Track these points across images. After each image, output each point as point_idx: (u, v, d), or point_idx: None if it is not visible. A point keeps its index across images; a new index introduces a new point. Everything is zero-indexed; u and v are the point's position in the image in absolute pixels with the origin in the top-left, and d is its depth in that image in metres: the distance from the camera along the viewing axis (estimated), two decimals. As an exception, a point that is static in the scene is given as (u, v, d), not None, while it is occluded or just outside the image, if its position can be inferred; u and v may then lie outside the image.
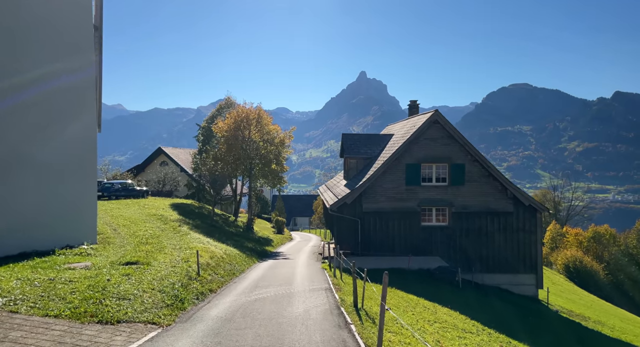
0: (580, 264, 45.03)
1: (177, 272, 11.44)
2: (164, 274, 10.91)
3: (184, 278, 11.08)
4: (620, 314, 31.60)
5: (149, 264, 11.68)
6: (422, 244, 20.77)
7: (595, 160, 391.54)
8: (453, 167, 20.51)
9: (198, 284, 11.39)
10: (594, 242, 53.03)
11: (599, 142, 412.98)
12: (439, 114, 20.50)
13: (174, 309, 8.88)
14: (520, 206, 20.55)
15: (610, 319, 23.79)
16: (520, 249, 20.72)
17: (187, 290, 10.41)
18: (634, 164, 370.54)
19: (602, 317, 23.75)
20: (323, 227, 54.99)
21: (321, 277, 15.46)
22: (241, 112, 31.39)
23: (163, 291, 9.53)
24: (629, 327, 23.71)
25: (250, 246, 25.16)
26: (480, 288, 19.47)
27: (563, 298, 28.16)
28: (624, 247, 51.05)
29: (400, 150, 20.46)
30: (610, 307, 34.12)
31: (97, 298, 8.21)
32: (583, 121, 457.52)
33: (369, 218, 20.83)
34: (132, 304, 8.32)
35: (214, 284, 12.24)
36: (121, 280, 9.58)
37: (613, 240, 53.13)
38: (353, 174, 23.95)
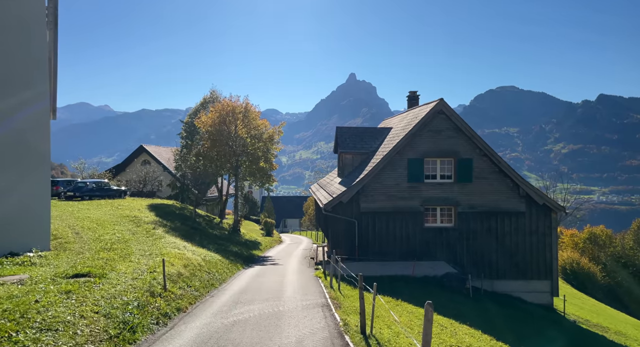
0: (577, 266, 43.63)
1: (137, 286, 9.17)
2: (119, 289, 8.63)
3: (143, 295, 8.80)
4: (629, 320, 29.94)
5: (104, 277, 9.39)
6: (426, 248, 18.71)
7: (580, 161, 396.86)
8: (460, 162, 18.50)
9: (162, 301, 9.11)
10: (590, 244, 51.75)
11: (584, 144, 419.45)
12: (445, 103, 18.49)
13: (117, 343, 6.59)
14: (533, 205, 18.61)
15: (627, 329, 22.01)
16: (533, 253, 18.77)
17: (145, 312, 8.13)
18: (617, 166, 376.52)
19: (618, 325, 21.96)
20: (314, 229, 52.79)
21: (315, 288, 13.28)
22: (226, 106, 29.08)
23: (109, 316, 7.25)
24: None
25: (236, 250, 22.88)
26: (491, 297, 17.45)
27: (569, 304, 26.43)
28: (620, 249, 49.89)
29: (401, 143, 18.38)
30: (616, 313, 32.56)
31: (9, 329, 5.91)
32: (568, 123, 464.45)
33: (367, 219, 18.70)
34: (57, 337, 6.04)
35: (184, 301, 9.96)
36: (56, 300, 7.29)
37: (609, 241, 51.91)
38: (349, 171, 21.83)
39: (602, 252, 49.12)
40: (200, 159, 28.79)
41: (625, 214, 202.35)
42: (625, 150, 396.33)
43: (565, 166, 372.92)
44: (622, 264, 44.39)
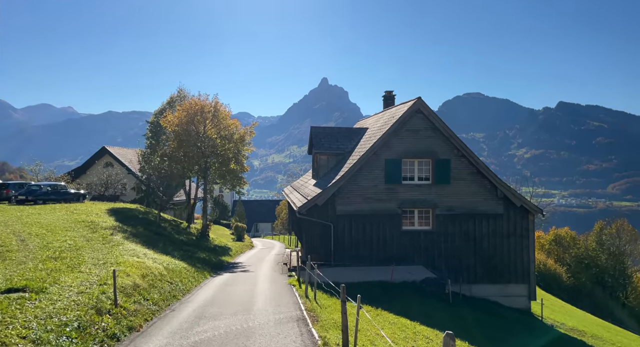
0: (544, 267, 44.33)
1: (81, 302, 7.88)
2: (58, 307, 7.33)
3: (88, 313, 7.52)
4: (597, 321, 30.28)
5: (43, 291, 8.04)
6: (404, 252, 18.00)
7: (542, 166, 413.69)
8: (437, 163, 17.93)
9: (111, 320, 7.85)
10: (556, 245, 52.88)
11: (545, 149, 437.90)
12: (422, 102, 17.91)
13: (43, 378, 5.37)
14: (511, 207, 18.26)
15: (599, 331, 22.03)
16: (511, 256, 18.40)
17: (86, 334, 6.87)
18: (576, 170, 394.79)
19: (591, 328, 21.96)
20: (287, 233, 51.56)
21: (289, 298, 12.23)
22: (195, 105, 27.61)
23: (39, 342, 5.99)
24: (617, 337, 22.05)
25: (203, 256, 21.49)
26: (471, 302, 16.89)
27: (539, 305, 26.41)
28: (583, 250, 51.16)
29: (378, 143, 17.64)
30: (583, 313, 32.99)
31: None
32: (530, 129, 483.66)
33: (344, 222, 17.82)
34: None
35: (139, 318, 8.70)
36: (-27, 323, 5.95)
37: (573, 242, 53.23)
38: (324, 172, 20.92)
39: (567, 254, 50.22)
40: (165, 160, 27.17)
41: (583, 217, 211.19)
42: (582, 155, 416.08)
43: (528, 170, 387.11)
44: (586, 265, 45.28)
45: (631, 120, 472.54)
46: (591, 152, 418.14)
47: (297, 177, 39.99)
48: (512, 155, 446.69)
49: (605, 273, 43.13)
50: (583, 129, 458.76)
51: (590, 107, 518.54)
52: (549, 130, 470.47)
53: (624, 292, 42.44)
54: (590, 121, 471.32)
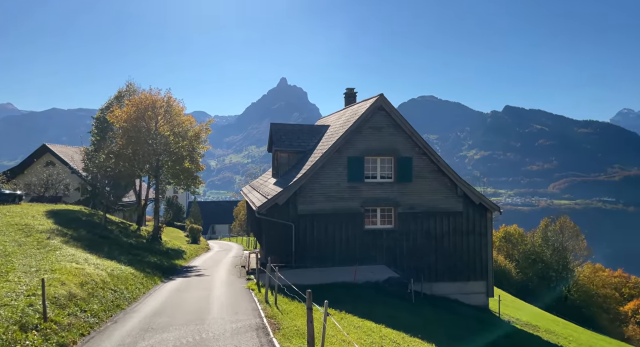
0: (495, 264, 45.79)
1: (2, 317, 6.69)
2: (-30, 325, 6.13)
3: (8, 330, 6.39)
4: (546, 315, 31.47)
5: (-47, 307, 6.76)
6: (367, 251, 17.63)
7: (490, 167, 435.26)
8: (400, 161, 17.72)
9: (38, 337, 6.74)
10: (505, 242, 55.05)
11: (493, 151, 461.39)
12: (385, 99, 17.64)
13: None
14: (470, 205, 18.39)
15: (550, 325, 22.78)
16: (470, 254, 18.53)
17: (3, 358, 5.77)
18: (520, 171, 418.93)
19: (543, 323, 22.68)
20: (245, 234, 50.19)
21: (248, 303, 11.41)
22: (145, 99, 25.92)
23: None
24: (567, 331, 22.91)
25: (154, 260, 20.08)
26: (432, 301, 16.79)
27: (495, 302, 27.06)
28: (530, 246, 53.54)
29: (341, 141, 17.16)
30: (531, 307, 34.28)
31: None
32: (480, 132, 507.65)
33: (306, 222, 17.17)
34: None
35: (73, 333, 7.60)
36: None
37: (521, 239, 55.66)
38: (284, 171, 20.17)
39: (516, 250, 52.39)
40: (111, 157, 25.31)
41: (527, 214, 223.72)
42: (526, 156, 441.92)
43: (478, 171, 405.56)
44: (532, 260, 47.19)
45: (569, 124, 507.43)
46: (534, 154, 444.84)
47: (256, 177, 38.91)
48: (463, 156, 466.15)
49: (550, 268, 45.16)
50: (527, 131, 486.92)
51: (534, 111, 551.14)
52: (496, 133, 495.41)
53: (566, 285, 44.64)
54: (533, 124, 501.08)
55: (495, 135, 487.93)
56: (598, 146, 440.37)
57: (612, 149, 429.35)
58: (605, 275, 53.11)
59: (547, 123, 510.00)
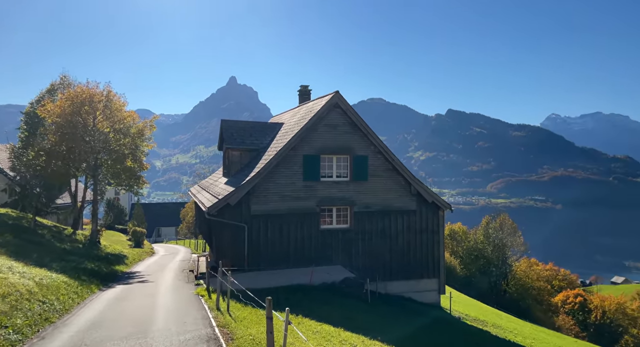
0: (441, 261, 47.17)
1: None
2: None
3: None
4: (490, 310, 32.79)
5: None
6: (322, 252, 17.24)
7: (435, 167, 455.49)
8: (355, 159, 17.52)
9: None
10: (450, 239, 57.21)
11: (437, 152, 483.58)
12: (340, 96, 17.35)
13: None
14: (423, 204, 18.59)
15: (495, 319, 23.64)
16: (423, 252, 18.73)
17: None
18: (462, 171, 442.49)
19: (489, 317, 23.49)
20: (193, 237, 48.13)
21: (197, 311, 10.56)
22: (82, 93, 23.84)
23: None
24: (511, 325, 23.85)
25: (92, 267, 18.42)
26: (387, 301, 16.72)
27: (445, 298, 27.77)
28: (473, 243, 56.06)
29: (296, 138, 16.64)
30: (476, 302, 35.67)
31: None
32: (425, 134, 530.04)
33: (259, 223, 16.46)
34: None
35: (-13, 357, 6.47)
36: None
37: (465, 236, 58.10)
38: (236, 170, 19.30)
39: (460, 247, 54.56)
40: (41, 155, 23.06)
41: (468, 213, 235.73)
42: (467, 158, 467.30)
43: (423, 171, 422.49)
44: (475, 256, 49.13)
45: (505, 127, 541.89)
46: (474, 155, 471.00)
47: (204, 177, 37.32)
48: (410, 158, 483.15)
49: (491, 263, 47.20)
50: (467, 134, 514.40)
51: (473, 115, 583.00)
52: (440, 135, 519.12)
53: (505, 280, 46.99)
54: (473, 127, 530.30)
55: (439, 138, 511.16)
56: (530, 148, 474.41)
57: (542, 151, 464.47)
58: (539, 269, 56.74)
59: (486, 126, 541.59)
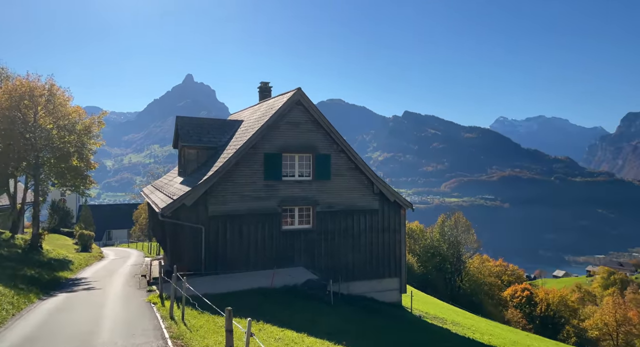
0: (400, 260, 47.92)
1: None
2: None
3: None
4: (447, 306, 33.61)
5: None
6: (284, 253, 16.74)
7: (392, 168, 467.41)
8: (318, 158, 17.16)
9: None
10: (408, 238, 58.32)
11: (394, 153, 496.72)
12: (303, 93, 16.93)
13: None
14: (385, 203, 18.55)
15: (453, 316, 24.13)
16: (385, 251, 18.70)
17: None
18: (418, 172, 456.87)
19: (447, 314, 23.93)
20: (146, 240, 45.94)
21: (149, 321, 9.76)
22: (21, 86, 21.91)
23: None
24: (468, 321, 24.45)
25: (31, 274, 16.88)
26: (350, 301, 16.51)
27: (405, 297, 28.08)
28: (429, 241, 57.55)
29: (257, 136, 16.04)
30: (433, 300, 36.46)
31: None
32: (383, 135, 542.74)
33: (217, 224, 15.69)
34: None
35: None
36: None
37: (422, 235, 59.54)
38: (193, 169, 18.37)
39: (417, 245, 55.81)
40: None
41: (424, 212, 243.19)
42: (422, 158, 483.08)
43: (382, 171, 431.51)
44: (431, 254, 50.34)
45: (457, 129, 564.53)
46: (429, 156, 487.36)
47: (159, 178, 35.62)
48: (369, 158, 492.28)
49: (446, 260, 48.54)
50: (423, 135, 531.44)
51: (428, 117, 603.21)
52: (397, 136, 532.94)
53: (459, 276, 48.49)
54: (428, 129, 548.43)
55: (396, 139, 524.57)
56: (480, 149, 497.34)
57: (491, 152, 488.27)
58: (490, 265, 59.13)
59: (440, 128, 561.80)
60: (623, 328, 46.31)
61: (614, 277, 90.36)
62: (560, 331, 48.26)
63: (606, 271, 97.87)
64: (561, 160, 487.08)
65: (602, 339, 46.88)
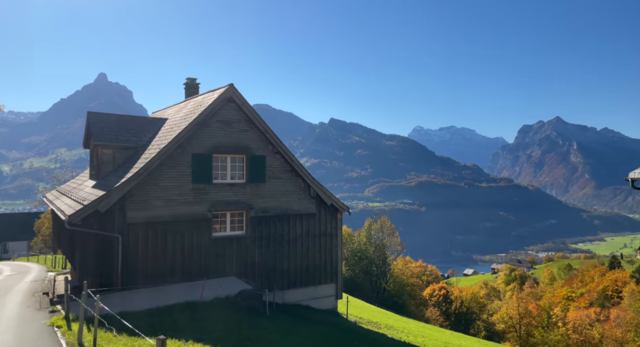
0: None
1: None
2: None
3: None
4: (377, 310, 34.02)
5: None
6: (215, 262, 15.39)
7: (319, 173, 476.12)
8: (252, 159, 16.12)
9: None
10: (337, 242, 58.75)
11: (321, 159, 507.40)
12: (235, 89, 15.82)
13: None
14: (322, 206, 18.02)
15: (385, 320, 24.30)
16: (322, 256, 18.12)
17: None
18: (343, 177, 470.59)
19: (379, 318, 24.02)
20: (50, 252, 40.77)
21: (52, 351, 8.04)
22: None
23: None
24: (400, 324, 24.80)
25: None
26: (286, 311, 15.65)
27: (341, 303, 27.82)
28: (357, 245, 58.63)
29: (185, 134, 14.59)
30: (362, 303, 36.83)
31: None
32: (310, 141, 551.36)
33: (137, 232, 13.92)
34: None
35: None
36: None
37: (350, 238, 60.53)
38: (108, 171, 16.26)
39: (345, 249, 56.49)
40: None
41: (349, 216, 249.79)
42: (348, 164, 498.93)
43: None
44: (359, 257, 51.21)
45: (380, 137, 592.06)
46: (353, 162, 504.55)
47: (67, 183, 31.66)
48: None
49: (373, 263, 49.63)
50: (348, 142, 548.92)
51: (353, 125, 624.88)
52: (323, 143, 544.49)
53: (384, 278, 49.86)
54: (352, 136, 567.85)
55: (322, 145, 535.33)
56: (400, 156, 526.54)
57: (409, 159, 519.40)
58: (413, 266, 61.82)
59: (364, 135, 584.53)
60: (525, 320, 50.96)
61: (514, 273, 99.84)
62: (471, 325, 51.68)
63: (508, 268, 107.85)
64: (469, 167, 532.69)
65: (507, 331, 51.11)
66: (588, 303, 64.70)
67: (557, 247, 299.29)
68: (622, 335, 45.06)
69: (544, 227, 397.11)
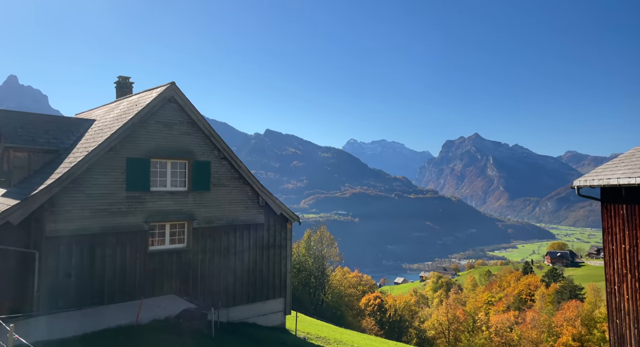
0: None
1: None
2: None
3: None
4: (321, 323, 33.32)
5: None
6: (152, 279, 13.73)
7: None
8: (196, 165, 14.81)
9: None
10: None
11: (257, 170, 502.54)
12: (177, 88, 14.48)
13: None
14: (271, 216, 17.06)
15: (332, 334, 23.69)
16: (270, 269, 17.08)
17: None
18: (279, 189, 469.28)
19: (327, 333, 23.36)
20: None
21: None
22: None
23: None
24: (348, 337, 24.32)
25: None
26: (232, 331, 14.38)
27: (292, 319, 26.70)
28: (297, 256, 57.82)
29: (117, 136, 12.97)
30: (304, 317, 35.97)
31: None
32: (245, 151, 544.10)
33: (59, 247, 11.96)
34: None
35: None
36: None
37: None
38: (22, 177, 13.97)
39: (285, 260, 55.27)
40: None
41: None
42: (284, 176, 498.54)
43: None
44: (297, 269, 50.53)
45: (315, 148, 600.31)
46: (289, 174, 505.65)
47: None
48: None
49: (312, 275, 49.14)
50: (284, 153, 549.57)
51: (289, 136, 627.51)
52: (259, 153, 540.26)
53: (323, 290, 49.51)
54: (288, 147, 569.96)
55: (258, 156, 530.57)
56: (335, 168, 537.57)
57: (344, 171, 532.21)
58: (350, 276, 62.24)
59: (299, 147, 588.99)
60: (453, 326, 53.36)
61: (441, 280, 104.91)
62: (404, 333, 52.96)
63: (435, 276, 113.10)
64: (399, 179, 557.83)
65: (437, 337, 53.12)
66: (506, 307, 69.52)
67: (477, 255, 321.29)
68: (537, 336, 48.92)
69: (465, 236, 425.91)
